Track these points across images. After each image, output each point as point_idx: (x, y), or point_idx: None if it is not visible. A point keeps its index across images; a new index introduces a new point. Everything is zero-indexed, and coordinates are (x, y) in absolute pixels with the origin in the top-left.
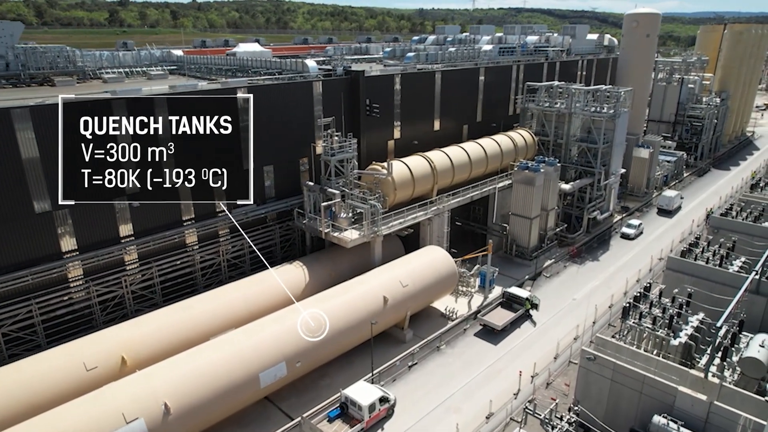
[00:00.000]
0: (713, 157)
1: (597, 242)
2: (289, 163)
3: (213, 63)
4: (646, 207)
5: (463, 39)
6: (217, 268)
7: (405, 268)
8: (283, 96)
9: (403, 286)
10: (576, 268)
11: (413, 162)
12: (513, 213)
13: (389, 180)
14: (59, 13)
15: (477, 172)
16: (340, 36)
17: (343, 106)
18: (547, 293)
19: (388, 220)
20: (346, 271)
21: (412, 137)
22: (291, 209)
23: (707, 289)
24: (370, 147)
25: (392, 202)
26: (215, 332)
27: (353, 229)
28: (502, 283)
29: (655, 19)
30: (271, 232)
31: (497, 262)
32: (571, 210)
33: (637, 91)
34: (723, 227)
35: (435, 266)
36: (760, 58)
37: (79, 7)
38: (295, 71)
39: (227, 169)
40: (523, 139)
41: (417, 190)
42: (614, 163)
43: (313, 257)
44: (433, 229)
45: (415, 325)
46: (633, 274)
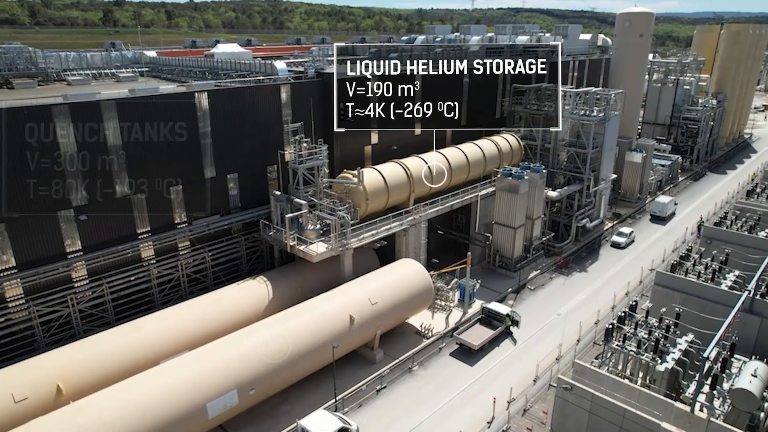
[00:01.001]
0: (709, 160)
1: (586, 251)
2: (255, 171)
3: (186, 65)
4: (639, 213)
5: (453, 39)
6: (176, 284)
7: (375, 283)
8: (247, 100)
9: (372, 304)
10: (563, 279)
11: (387, 169)
12: (496, 222)
13: (360, 189)
14: (54, 13)
15: (458, 179)
16: (336, 36)
17: (315, 111)
18: (530, 307)
19: (359, 232)
20: (315, 286)
21: (391, 142)
22: (258, 220)
23: (697, 308)
24: (344, 153)
25: (364, 213)
26: (167, 355)
27: (321, 241)
28: (484, 296)
29: (648, 18)
30: (236, 245)
31: (480, 273)
32: (559, 218)
33: (630, 93)
34: (716, 238)
35: (408, 281)
36: (758, 59)
37: (75, 7)
38: (264, 73)
39: (185, 179)
40: (509, 143)
41: (392, 200)
42: (604, 168)
43: (279, 272)
44: (410, 240)
45: (387, 343)
46: (622, 287)
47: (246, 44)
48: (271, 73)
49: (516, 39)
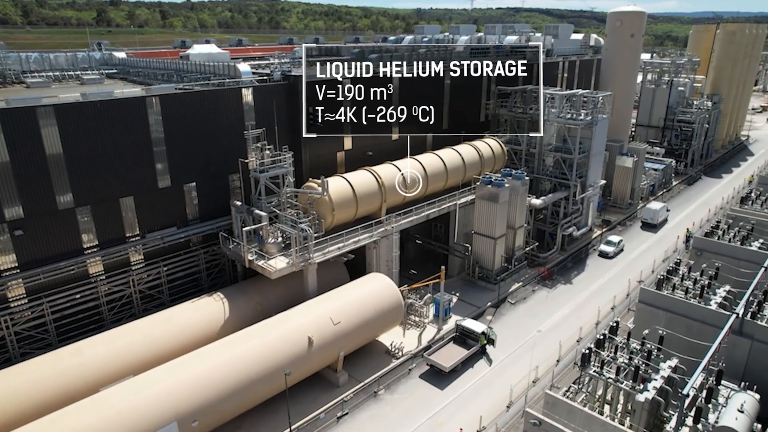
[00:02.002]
0: (705, 163)
1: (572, 261)
2: (216, 179)
3: (154, 67)
4: (630, 220)
5: (441, 39)
6: (128, 301)
7: (339, 301)
8: (205, 105)
9: (334, 324)
10: (546, 292)
11: (356, 178)
12: (476, 232)
13: (325, 199)
14: (48, 13)
15: (435, 186)
16: (332, 36)
17: (281, 115)
18: (510, 323)
19: (323, 245)
20: (277, 303)
21: (366, 148)
22: (218, 232)
23: (684, 329)
24: (314, 160)
25: (330, 224)
26: (109, 382)
27: (284, 256)
28: (462, 311)
29: (640, 18)
30: (195, 258)
31: (459, 285)
32: (545, 226)
33: (622, 95)
34: (707, 249)
35: (377, 298)
36: (754, 59)
37: (70, 7)
38: (228, 76)
39: (136, 189)
40: (491, 148)
41: (361, 210)
42: (592, 174)
43: (237, 288)
44: (381, 253)
45: (353, 364)
46: (607, 301)
47: (237, 44)
48: (234, 75)
49: (505, 39)
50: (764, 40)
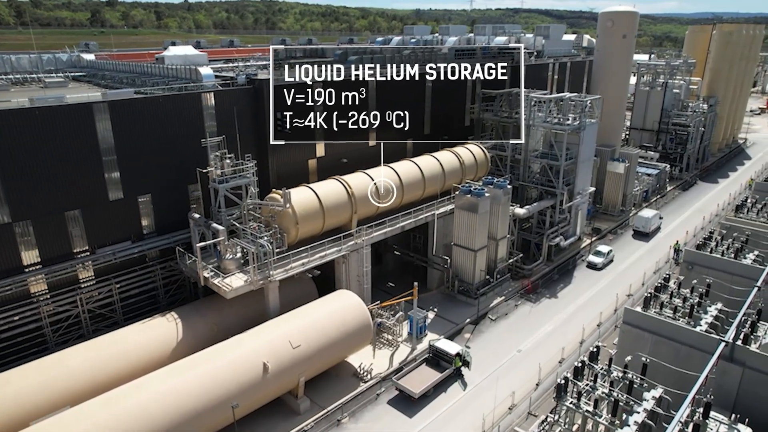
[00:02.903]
0: (701, 168)
1: (558, 273)
2: (174, 191)
3: (121, 70)
4: (622, 228)
5: (429, 40)
6: (75, 321)
7: (300, 322)
8: (161, 111)
9: (293, 347)
10: (529, 307)
11: (324, 188)
12: (455, 244)
13: (288, 212)
14: (43, 13)
15: (412, 196)
16: (328, 37)
17: (245, 122)
18: (489, 342)
19: (286, 261)
20: (236, 323)
21: (341, 155)
22: (177, 246)
23: (671, 353)
24: (282, 168)
25: (295, 238)
26: (41, 414)
27: (242, 273)
28: (439, 328)
29: (632, 18)
30: (152, 274)
31: (438, 300)
32: (530, 236)
33: (614, 98)
34: (698, 263)
35: (342, 317)
36: (752, 60)
37: (66, 8)
38: (189, 80)
39: (84, 202)
40: (472, 155)
41: (329, 222)
42: (580, 181)
43: (193, 307)
44: (351, 267)
45: (317, 388)
46: (593, 318)
47: (228, 45)
48: (195, 79)
49: (494, 40)
50: (762, 40)
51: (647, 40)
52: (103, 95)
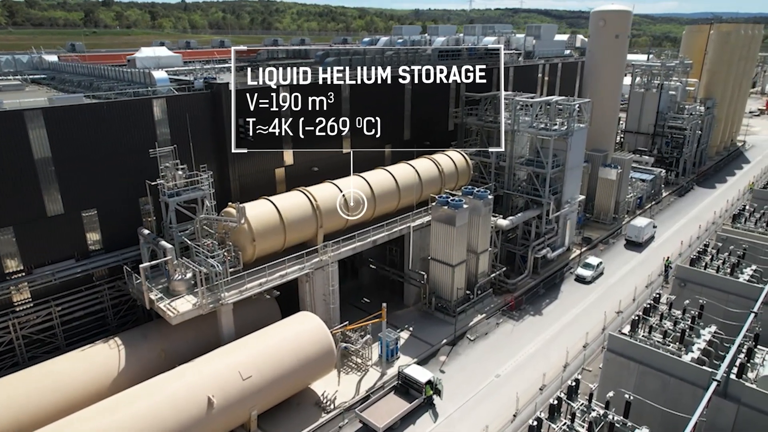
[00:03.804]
0: (698, 172)
1: (545, 287)
2: (122, 204)
3: (80, 72)
4: (614, 237)
5: (417, 41)
6: (9, 348)
7: (253, 349)
8: (105, 119)
9: (243, 379)
10: (511, 326)
11: (286, 201)
12: (432, 258)
13: (243, 228)
14: (37, 13)
15: (386, 207)
16: (323, 37)
17: (202, 129)
18: (465, 365)
19: (240, 282)
20: (187, 348)
21: (312, 163)
22: (126, 264)
23: (658, 387)
24: (246, 179)
25: (252, 256)
26: None
27: (193, 295)
28: (413, 349)
29: (625, 17)
30: (99, 295)
31: (415, 318)
32: (515, 248)
33: (606, 101)
34: (691, 280)
35: (301, 343)
36: (750, 61)
37: (60, 7)
38: (143, 84)
39: (18, 218)
40: (453, 162)
41: (291, 238)
42: (569, 189)
43: (140, 331)
44: (316, 287)
45: (275, 419)
46: (579, 338)
47: (219, 46)
48: (148, 84)
49: (482, 40)
50: (761, 40)
51: (646, 40)
52: (49, 101)
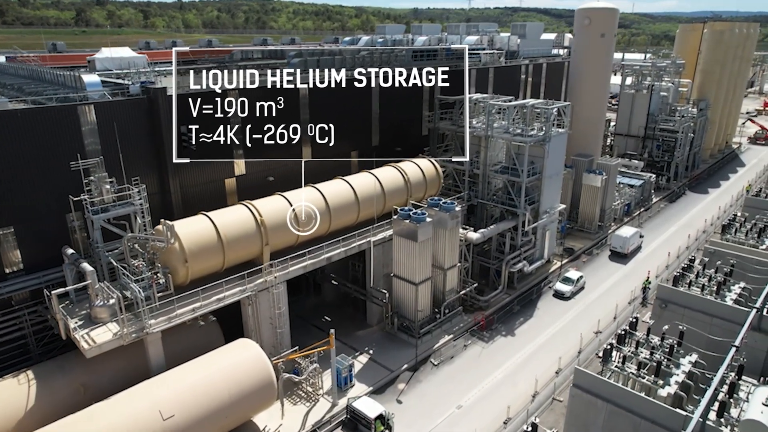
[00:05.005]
0: (690, 176)
1: (520, 304)
2: (46, 222)
3: (20, 74)
4: (598, 247)
5: (399, 40)
6: None
7: (180, 383)
8: (23, 128)
9: (163, 419)
10: (480, 348)
11: (226, 217)
12: (395, 275)
13: (174, 248)
14: (29, 12)
15: (343, 221)
16: (319, 36)
17: (138, 138)
18: (425, 394)
19: (170, 308)
20: (111, 382)
21: (267, 172)
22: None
23: (629, 428)
24: (190, 191)
25: (185, 278)
26: None
27: (116, 323)
28: (371, 375)
29: (611, 15)
30: (19, 321)
31: (377, 339)
32: (489, 263)
33: (592, 103)
34: (673, 301)
35: (236, 375)
36: (745, 60)
37: (54, 6)
38: (74, 88)
39: None
40: (421, 171)
41: (232, 257)
42: (547, 198)
43: (56, 363)
44: (260, 309)
45: None
46: (551, 363)
47: (207, 45)
48: (77, 88)
49: (465, 39)
50: (756, 39)
51: (644, 39)
52: None
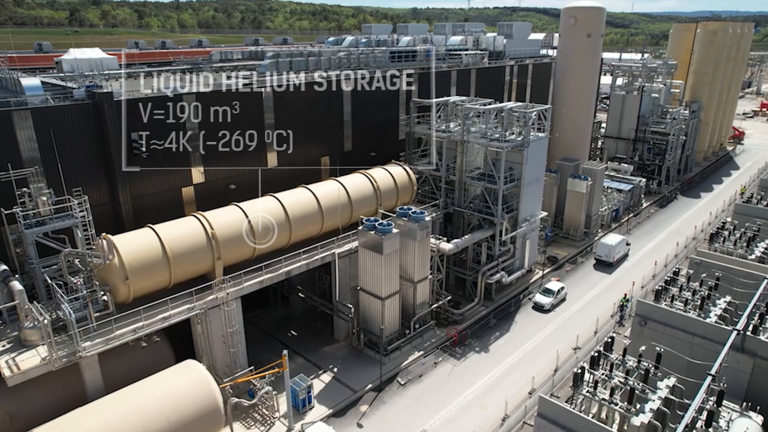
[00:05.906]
0: (683, 180)
1: (497, 317)
2: None
3: None
4: (583, 255)
5: (384, 40)
6: None
7: (113, 412)
8: None
9: None
10: (451, 365)
11: (173, 230)
12: (361, 288)
13: (114, 264)
14: (23, 12)
15: (305, 232)
16: (316, 36)
17: (83, 145)
18: (389, 417)
19: (107, 329)
20: (43, 409)
21: (227, 179)
22: None
23: None
24: (142, 201)
25: (127, 296)
26: None
27: (48, 345)
28: (331, 397)
29: (597, 14)
30: None
31: (343, 355)
32: (465, 274)
33: (578, 105)
34: (653, 318)
35: (178, 400)
36: (740, 61)
37: (49, 6)
38: (13, 92)
39: None
40: (392, 177)
41: (180, 273)
42: (527, 206)
43: None
44: (212, 328)
45: None
46: (525, 383)
47: (197, 45)
48: (17, 92)
49: (449, 39)
50: (751, 39)
51: (643, 38)
52: None
